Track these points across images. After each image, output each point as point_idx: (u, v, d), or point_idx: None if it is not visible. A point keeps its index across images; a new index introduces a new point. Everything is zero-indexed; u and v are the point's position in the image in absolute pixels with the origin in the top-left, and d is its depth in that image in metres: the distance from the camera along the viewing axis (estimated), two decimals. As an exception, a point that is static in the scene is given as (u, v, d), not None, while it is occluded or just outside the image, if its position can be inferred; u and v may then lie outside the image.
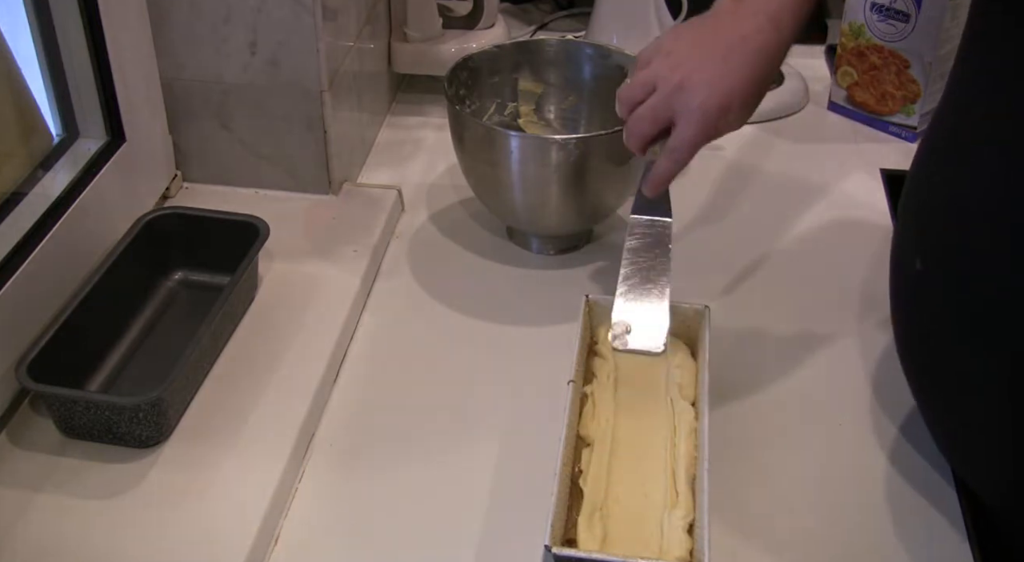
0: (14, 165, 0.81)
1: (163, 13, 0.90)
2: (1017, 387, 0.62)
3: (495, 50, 0.98)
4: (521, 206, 0.91)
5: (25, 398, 0.76)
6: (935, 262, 0.67)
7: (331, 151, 0.96)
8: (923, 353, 0.70)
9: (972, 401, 0.66)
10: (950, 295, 0.65)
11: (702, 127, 0.70)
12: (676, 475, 0.68)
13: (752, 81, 0.70)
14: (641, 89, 0.73)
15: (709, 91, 0.70)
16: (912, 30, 1.06)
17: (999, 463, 0.67)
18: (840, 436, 0.78)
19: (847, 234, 0.98)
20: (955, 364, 0.66)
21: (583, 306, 0.78)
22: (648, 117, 0.73)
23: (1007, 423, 0.64)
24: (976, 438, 0.68)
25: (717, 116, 0.70)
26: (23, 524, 0.68)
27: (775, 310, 0.89)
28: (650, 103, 0.72)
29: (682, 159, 0.73)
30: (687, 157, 0.72)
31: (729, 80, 0.69)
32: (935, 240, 0.67)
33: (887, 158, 1.09)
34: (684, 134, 0.71)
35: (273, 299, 0.87)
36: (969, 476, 0.71)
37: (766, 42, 0.70)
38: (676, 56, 0.72)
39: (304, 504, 0.73)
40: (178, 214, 0.88)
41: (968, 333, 0.64)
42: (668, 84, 0.71)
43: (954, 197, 0.65)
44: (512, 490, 0.73)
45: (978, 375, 0.65)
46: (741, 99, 0.70)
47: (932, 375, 0.70)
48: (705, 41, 0.72)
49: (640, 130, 0.74)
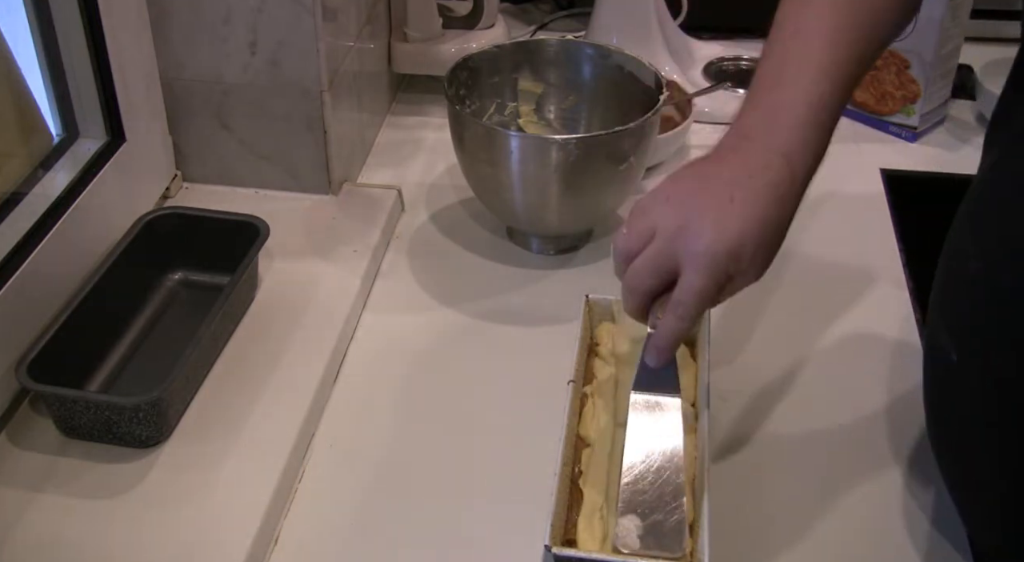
0: (14, 165, 0.81)
1: (163, 13, 0.90)
2: None
3: (495, 50, 0.98)
4: (521, 206, 0.91)
5: (25, 398, 0.76)
6: (969, 354, 0.62)
7: (331, 151, 0.96)
8: (955, 444, 0.66)
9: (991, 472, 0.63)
10: (984, 388, 0.61)
11: (711, 274, 0.60)
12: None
13: (764, 222, 0.60)
14: (638, 238, 0.63)
15: (716, 233, 0.60)
16: (912, 30, 1.06)
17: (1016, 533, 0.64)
18: (840, 436, 0.78)
19: (847, 234, 0.98)
20: (988, 456, 0.63)
21: (583, 306, 0.78)
22: (648, 268, 0.62)
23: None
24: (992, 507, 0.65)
25: (727, 261, 0.60)
26: (23, 524, 0.68)
27: (775, 310, 0.89)
28: (649, 252, 0.62)
29: (689, 314, 0.62)
30: (695, 312, 0.62)
31: (738, 221, 0.60)
32: (970, 332, 0.62)
33: (887, 158, 1.09)
34: (691, 283, 0.61)
35: (273, 299, 0.87)
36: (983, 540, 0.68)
37: (777, 178, 0.61)
38: (676, 199, 0.62)
39: (304, 504, 0.73)
40: (178, 214, 0.88)
41: (991, 405, 0.61)
42: (669, 229, 0.61)
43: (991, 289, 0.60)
44: (512, 490, 0.73)
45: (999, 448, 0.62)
46: (754, 243, 0.60)
47: (964, 467, 0.66)
48: (709, 181, 0.62)
49: (639, 284, 0.63)
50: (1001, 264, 0.59)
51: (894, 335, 0.86)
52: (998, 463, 0.62)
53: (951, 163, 1.09)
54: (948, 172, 1.07)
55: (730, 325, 0.86)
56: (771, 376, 0.83)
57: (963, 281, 0.63)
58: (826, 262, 0.94)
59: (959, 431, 0.66)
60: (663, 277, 0.62)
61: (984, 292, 0.61)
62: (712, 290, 0.61)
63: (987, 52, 1.16)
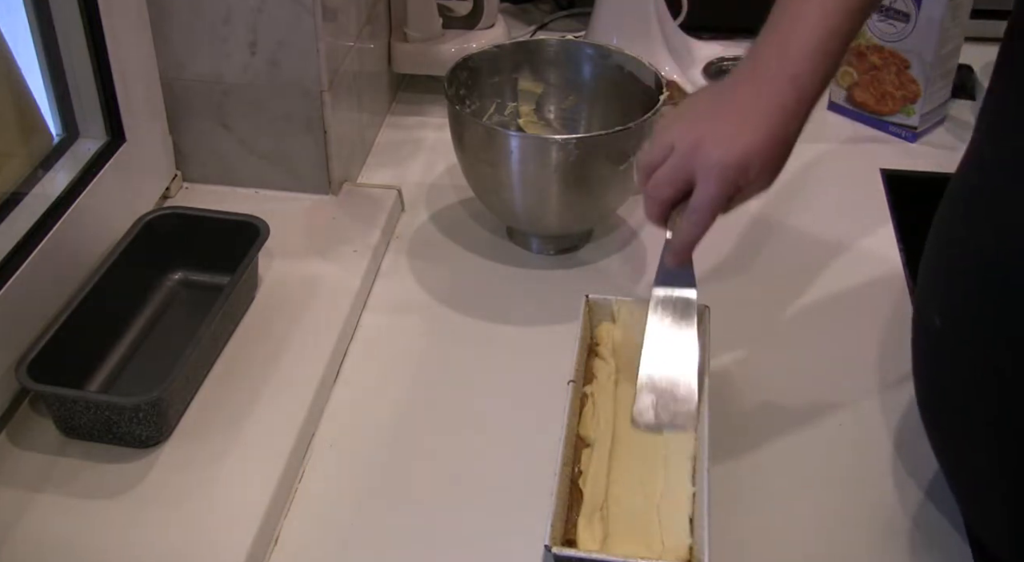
0: (14, 165, 0.81)
1: (163, 13, 0.90)
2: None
3: (495, 50, 0.98)
4: (521, 206, 0.91)
5: (25, 398, 0.76)
6: (953, 320, 0.65)
7: (331, 151, 0.96)
8: (941, 409, 0.68)
9: (988, 459, 0.64)
10: (968, 354, 0.64)
11: (723, 184, 0.67)
12: (676, 475, 0.68)
13: (772, 139, 0.67)
14: (659, 152, 0.70)
15: (727, 147, 0.67)
16: (912, 30, 1.06)
17: (1015, 523, 0.65)
18: (841, 436, 0.78)
19: (847, 234, 0.98)
20: (972, 423, 0.65)
21: (583, 306, 0.78)
22: (666, 180, 0.70)
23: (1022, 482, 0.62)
24: (991, 494, 0.66)
25: (737, 171, 0.67)
26: (23, 524, 0.68)
27: (775, 310, 0.89)
28: (668, 165, 0.70)
29: (703, 221, 0.69)
30: (708, 218, 0.69)
31: (747, 137, 0.67)
32: (954, 298, 0.65)
33: (887, 158, 1.09)
34: (704, 193, 0.68)
35: (273, 299, 0.87)
36: (983, 531, 0.69)
37: (785, 101, 0.67)
38: (694, 117, 0.70)
39: (304, 504, 0.73)
40: (178, 214, 0.88)
41: (985, 393, 0.62)
42: (685, 144, 0.69)
43: (976, 253, 0.63)
44: (512, 490, 0.73)
45: (995, 435, 0.63)
46: (761, 157, 0.67)
47: (949, 431, 0.68)
48: (723, 102, 0.70)
49: (659, 194, 0.70)
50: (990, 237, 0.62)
51: (894, 334, 0.86)
52: (989, 437, 0.64)
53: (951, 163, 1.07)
54: (948, 172, 1.06)
55: (730, 325, 0.86)
56: (771, 376, 0.83)
57: (952, 252, 0.67)
58: (826, 262, 0.94)
59: (948, 405, 0.68)
60: (680, 187, 0.70)
61: (971, 263, 0.64)
62: (723, 199, 0.68)
63: (987, 52, 1.16)
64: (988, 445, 0.64)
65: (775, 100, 0.68)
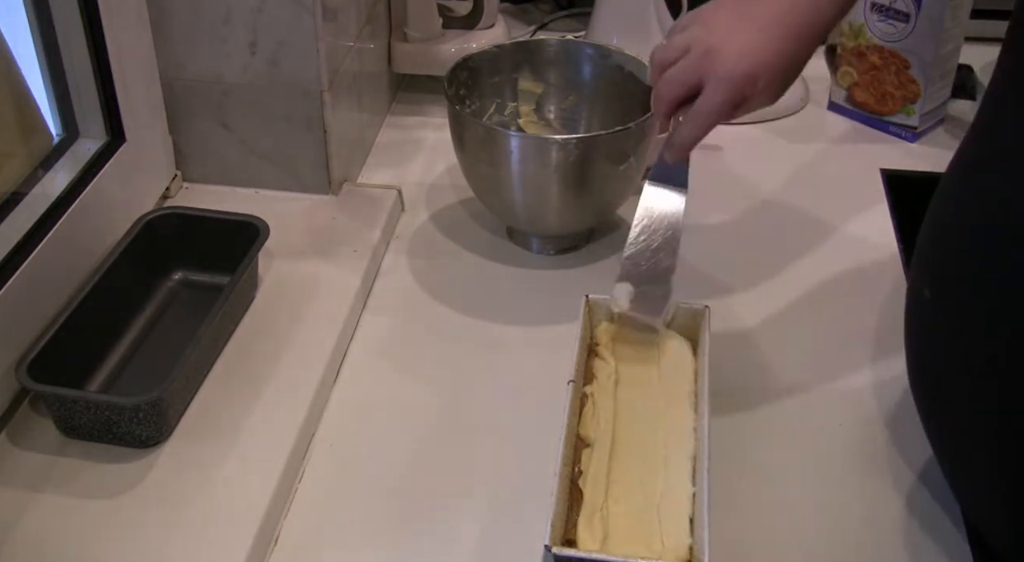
0: (14, 165, 0.81)
1: (163, 13, 0.90)
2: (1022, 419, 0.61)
3: (495, 50, 0.98)
4: (521, 206, 0.91)
5: (25, 398, 0.76)
6: (941, 291, 0.66)
7: (331, 151, 0.96)
8: (930, 381, 0.69)
9: (975, 430, 0.65)
10: (955, 325, 0.65)
11: (729, 94, 0.70)
12: (676, 475, 0.68)
13: (784, 54, 0.70)
14: (674, 51, 0.72)
15: (739, 58, 0.69)
16: (912, 30, 1.06)
17: (1000, 494, 0.65)
18: (841, 436, 0.78)
19: (847, 234, 0.98)
20: (960, 394, 0.65)
21: (583, 306, 0.78)
22: (677, 80, 0.72)
23: (1010, 455, 0.62)
24: (978, 468, 0.66)
25: (744, 83, 0.69)
26: (23, 524, 0.68)
27: (775, 309, 0.89)
28: (680, 66, 0.72)
29: (705, 124, 0.72)
30: (710, 123, 0.72)
31: (760, 50, 0.69)
32: (942, 269, 0.67)
33: (887, 158, 1.09)
34: (710, 99, 0.70)
35: (273, 299, 0.87)
36: (972, 510, 0.70)
37: (803, 19, 0.70)
38: (713, 23, 0.72)
39: (304, 504, 0.73)
40: (178, 214, 0.88)
41: (973, 363, 0.63)
42: (700, 48, 0.71)
43: (960, 226, 0.65)
44: (512, 490, 0.73)
45: (983, 407, 0.63)
46: (771, 71, 0.70)
47: (938, 403, 0.69)
48: (743, 11, 0.71)
49: (668, 93, 0.73)
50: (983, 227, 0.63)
51: (894, 334, 0.86)
52: (977, 406, 0.64)
53: (951, 163, 1.09)
54: (948, 172, 1.07)
55: (730, 324, 0.86)
56: (771, 375, 0.83)
57: (944, 225, 0.68)
58: (826, 262, 0.94)
59: (937, 374, 0.68)
60: (689, 89, 0.72)
61: (960, 235, 0.66)
62: (727, 107, 0.71)
63: (987, 52, 1.16)
64: (976, 413, 0.64)
65: (793, 19, 0.70)
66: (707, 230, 0.98)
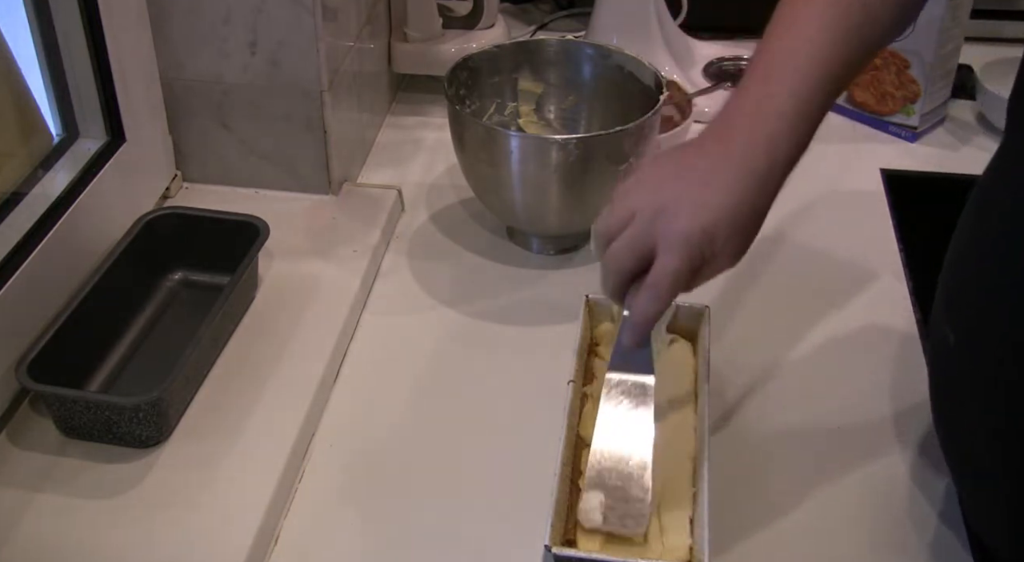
0: (14, 165, 0.81)
1: (163, 13, 0.90)
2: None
3: (495, 50, 0.98)
4: (521, 206, 0.91)
5: (25, 398, 0.76)
6: (967, 335, 0.63)
7: (331, 151, 0.96)
8: (954, 426, 0.68)
9: (1001, 476, 0.64)
10: (980, 370, 0.62)
11: (685, 255, 0.61)
12: (676, 475, 0.68)
13: (741, 206, 0.61)
14: (618, 221, 0.64)
15: (692, 215, 0.61)
16: (912, 30, 1.06)
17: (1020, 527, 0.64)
18: (841, 436, 0.78)
19: (846, 234, 0.98)
20: (986, 440, 0.64)
21: (583, 306, 0.78)
22: (626, 249, 0.63)
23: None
24: (1003, 512, 0.65)
25: (701, 241, 0.61)
26: (23, 524, 0.68)
27: (775, 309, 0.89)
28: (628, 233, 0.63)
29: (663, 296, 0.62)
30: (669, 293, 0.62)
31: (713, 206, 0.61)
32: (966, 315, 0.64)
33: (887, 158, 1.09)
34: (665, 265, 0.61)
35: (273, 299, 0.87)
36: (988, 536, 0.69)
37: (756, 165, 0.62)
38: (656, 184, 0.64)
39: (304, 504, 0.73)
40: (178, 214, 0.88)
41: (998, 409, 0.62)
42: (647, 211, 0.62)
43: (982, 272, 0.62)
44: (512, 490, 0.73)
45: (1010, 452, 0.62)
46: (729, 226, 0.61)
47: (963, 447, 0.67)
48: (688, 165, 0.64)
49: (618, 265, 0.64)
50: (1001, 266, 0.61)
51: (894, 334, 0.86)
52: (999, 450, 0.63)
53: (951, 163, 1.09)
54: (948, 172, 1.07)
55: (730, 324, 0.86)
56: (772, 375, 0.83)
57: (966, 269, 0.65)
58: (826, 262, 0.95)
59: (960, 417, 0.66)
60: (640, 259, 0.63)
61: (984, 279, 0.62)
62: (685, 272, 0.62)
63: (987, 52, 1.16)
64: (998, 456, 0.63)
65: (746, 164, 0.62)
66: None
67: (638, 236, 0.63)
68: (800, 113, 0.63)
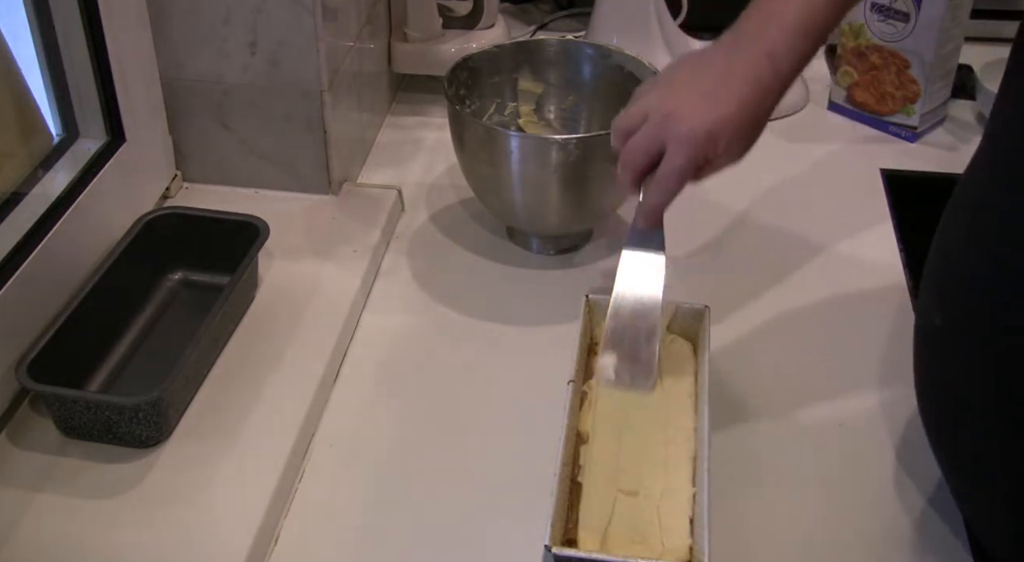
0: (14, 165, 0.81)
1: (163, 13, 0.90)
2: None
3: (495, 50, 0.98)
4: (521, 206, 0.91)
5: (25, 398, 0.76)
6: (954, 319, 0.65)
7: (331, 151, 0.96)
8: (942, 411, 0.69)
9: (988, 457, 0.64)
10: (967, 350, 0.64)
11: (690, 154, 0.69)
12: (676, 476, 0.68)
13: (743, 112, 0.69)
14: (633, 119, 0.72)
15: (698, 119, 0.69)
16: (912, 30, 1.06)
17: (1015, 519, 0.65)
18: (840, 436, 0.78)
19: (846, 234, 0.98)
20: (975, 425, 0.65)
21: (583, 306, 0.78)
22: (639, 147, 0.72)
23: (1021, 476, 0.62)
24: (991, 494, 0.66)
25: (705, 143, 0.69)
26: (23, 524, 0.68)
27: (775, 310, 0.89)
28: (641, 132, 0.72)
29: (670, 188, 0.71)
30: (675, 186, 0.71)
31: (718, 110, 0.69)
32: (953, 296, 0.66)
33: (887, 158, 1.09)
34: (672, 162, 0.70)
35: (273, 299, 0.87)
36: (982, 531, 0.69)
37: (760, 75, 0.69)
38: (670, 86, 0.72)
39: (304, 504, 0.73)
40: (178, 214, 0.88)
41: (986, 392, 0.63)
42: (658, 113, 0.71)
43: (968, 251, 0.64)
44: (512, 490, 0.73)
45: (1000, 437, 0.63)
46: (732, 129, 0.69)
47: (949, 429, 0.68)
48: (699, 73, 0.71)
49: (633, 161, 0.72)
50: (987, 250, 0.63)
51: (895, 334, 0.86)
52: (984, 430, 0.64)
53: (951, 163, 1.09)
54: (948, 172, 1.07)
55: (730, 324, 0.86)
56: (771, 375, 0.83)
57: (952, 253, 0.67)
58: (826, 262, 0.95)
59: (948, 405, 0.68)
60: (652, 155, 0.71)
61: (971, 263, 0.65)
62: (690, 169, 0.70)
63: (987, 52, 1.16)
64: (988, 442, 0.64)
65: (750, 73, 0.69)
66: (707, 230, 0.98)
67: (650, 136, 0.71)
68: (805, 30, 0.68)
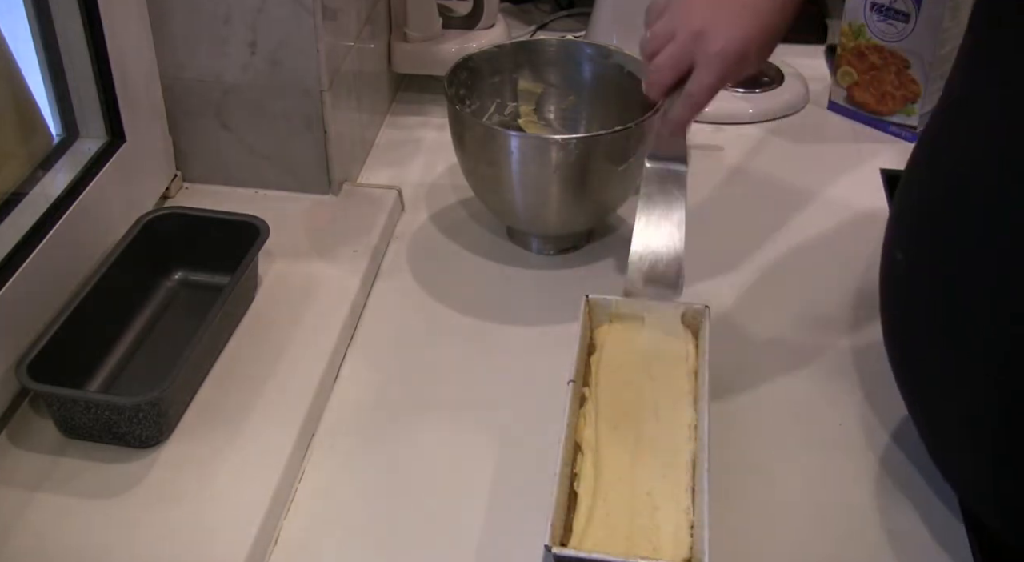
0: (14, 165, 0.81)
1: (163, 13, 0.90)
2: (996, 381, 0.62)
3: (495, 50, 0.98)
4: (521, 206, 0.91)
5: (25, 398, 0.76)
6: (914, 254, 0.67)
7: (331, 151, 0.96)
8: (904, 345, 0.70)
9: (950, 394, 0.66)
10: (927, 287, 0.66)
11: (720, 73, 0.73)
12: (676, 476, 0.68)
13: (767, 30, 0.73)
14: (659, 39, 0.75)
15: (728, 38, 0.72)
16: (912, 30, 1.06)
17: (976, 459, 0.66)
18: (840, 436, 0.78)
19: (847, 234, 0.98)
20: (933, 356, 0.67)
21: (583, 306, 0.78)
22: (669, 65, 0.75)
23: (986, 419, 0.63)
24: (955, 432, 0.67)
25: (735, 62, 0.73)
26: (23, 524, 0.68)
27: (775, 310, 0.89)
28: (670, 51, 0.75)
29: (700, 104, 0.75)
30: (705, 102, 0.75)
31: (746, 29, 0.72)
32: (913, 232, 0.68)
33: (887, 158, 1.09)
34: (703, 80, 0.74)
35: (273, 299, 0.87)
36: (952, 475, 0.71)
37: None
38: (696, 8, 0.75)
39: (304, 504, 0.73)
40: (178, 214, 0.88)
41: (945, 326, 0.64)
42: (687, 32, 0.74)
43: (927, 189, 0.67)
44: (512, 490, 0.73)
45: (956, 368, 0.64)
46: (757, 46, 0.73)
47: (913, 367, 0.70)
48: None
49: (661, 79, 0.76)
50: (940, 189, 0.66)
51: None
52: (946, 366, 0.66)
53: (951, 163, 1.09)
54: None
55: (730, 325, 0.86)
56: (772, 375, 0.83)
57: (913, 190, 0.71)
58: (826, 262, 0.95)
59: (905, 335, 0.70)
60: (680, 72, 0.75)
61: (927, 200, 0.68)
62: (720, 85, 0.74)
63: (987, 52, 1.16)
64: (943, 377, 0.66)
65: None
66: (707, 230, 0.98)
67: (678, 54, 0.74)
68: None
